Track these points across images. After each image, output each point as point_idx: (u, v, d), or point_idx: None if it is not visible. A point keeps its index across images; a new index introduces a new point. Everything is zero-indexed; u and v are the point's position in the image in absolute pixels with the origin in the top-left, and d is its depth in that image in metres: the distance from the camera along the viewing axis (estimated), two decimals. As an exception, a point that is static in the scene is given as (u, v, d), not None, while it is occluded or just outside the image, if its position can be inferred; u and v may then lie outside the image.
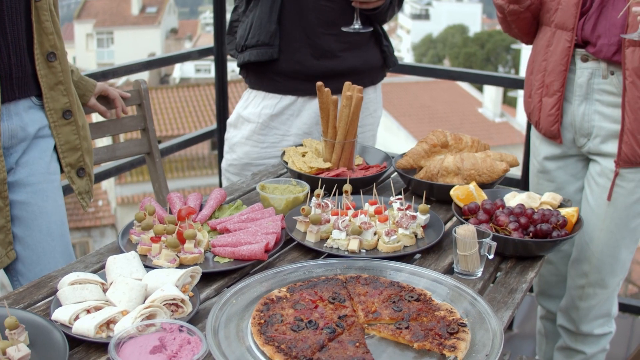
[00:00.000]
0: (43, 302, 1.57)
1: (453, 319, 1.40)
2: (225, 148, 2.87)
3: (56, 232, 1.96)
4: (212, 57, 3.86)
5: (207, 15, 39.05)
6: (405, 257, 1.75)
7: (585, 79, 2.19)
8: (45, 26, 1.85)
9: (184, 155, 16.26)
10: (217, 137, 4.01)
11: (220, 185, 4.12)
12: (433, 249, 1.80)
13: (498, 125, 22.48)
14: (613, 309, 2.40)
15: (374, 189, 1.91)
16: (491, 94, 23.11)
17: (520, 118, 23.35)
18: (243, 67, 2.74)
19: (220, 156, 4.09)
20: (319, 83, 2.18)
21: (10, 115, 1.83)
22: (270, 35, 2.55)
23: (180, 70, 25.26)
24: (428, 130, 2.27)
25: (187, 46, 27.81)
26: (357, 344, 1.30)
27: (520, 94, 24.38)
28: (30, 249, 1.90)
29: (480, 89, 24.23)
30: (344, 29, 2.53)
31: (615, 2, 2.05)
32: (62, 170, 2.04)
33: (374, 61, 2.71)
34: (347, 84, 2.20)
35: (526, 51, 24.89)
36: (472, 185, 1.93)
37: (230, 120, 2.84)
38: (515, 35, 2.35)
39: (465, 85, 24.36)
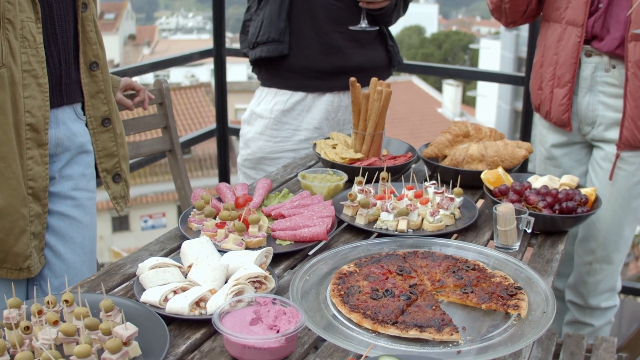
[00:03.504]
0: (118, 288, 1.66)
1: (509, 284, 1.56)
2: (240, 144, 2.99)
3: (88, 247, 2.00)
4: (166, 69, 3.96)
5: (163, 21, 38.78)
6: (446, 235, 1.90)
7: (589, 72, 2.38)
8: (90, 36, 1.91)
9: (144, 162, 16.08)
10: (217, 137, 4.11)
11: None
12: (470, 227, 1.96)
13: (458, 125, 22.87)
14: (617, 284, 2.61)
15: (412, 175, 2.06)
16: (450, 94, 23.59)
17: (479, 117, 23.90)
18: (255, 64, 2.87)
19: (221, 156, 4.20)
20: (352, 79, 2.33)
21: (58, 124, 1.87)
22: (280, 32, 2.68)
23: (139, 78, 25.06)
24: (388, 131, 2.42)
25: (146, 52, 27.58)
26: (434, 307, 1.45)
27: (479, 93, 24.91)
28: (60, 258, 1.93)
29: (440, 89, 24.69)
30: (352, 28, 2.68)
31: (620, 1, 2.25)
32: (97, 176, 2.10)
33: (380, 60, 2.87)
34: (374, 79, 2.35)
35: (484, 51, 25.51)
36: (501, 170, 2.09)
37: (244, 117, 2.96)
38: (503, 12, 2.49)
39: (424, 86, 24.78)
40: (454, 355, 1.31)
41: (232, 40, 17.03)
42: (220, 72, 3.98)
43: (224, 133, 4.11)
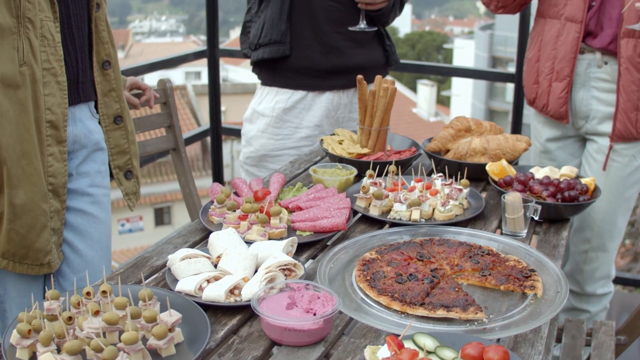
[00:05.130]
0: (148, 279, 1.71)
1: (522, 267, 1.65)
2: (242, 142, 3.06)
3: (105, 242, 2.06)
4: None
5: (137, 24, 38.50)
6: (457, 224, 1.99)
7: (583, 69, 2.50)
8: (102, 35, 1.96)
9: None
10: (210, 137, 4.16)
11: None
12: (478, 216, 2.05)
13: (433, 125, 23.19)
14: (612, 271, 2.73)
15: (421, 168, 2.15)
16: (425, 94, 23.81)
17: (454, 117, 24.19)
18: (256, 64, 2.94)
19: (215, 156, 4.25)
20: (359, 76, 2.41)
21: (75, 121, 1.92)
22: (282, 34, 2.76)
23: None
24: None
25: (120, 56, 27.38)
26: (456, 289, 1.53)
27: (453, 92, 25.17)
28: (78, 254, 1.98)
29: (414, 89, 24.90)
30: (351, 28, 2.77)
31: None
32: (110, 173, 2.15)
33: (378, 59, 2.96)
34: (378, 77, 2.43)
35: (458, 50, 25.83)
36: (504, 162, 2.19)
37: (245, 115, 3.03)
38: None
39: (398, 86, 24.87)
40: (480, 332, 1.40)
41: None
42: (213, 73, 4.04)
43: (218, 133, 4.16)
